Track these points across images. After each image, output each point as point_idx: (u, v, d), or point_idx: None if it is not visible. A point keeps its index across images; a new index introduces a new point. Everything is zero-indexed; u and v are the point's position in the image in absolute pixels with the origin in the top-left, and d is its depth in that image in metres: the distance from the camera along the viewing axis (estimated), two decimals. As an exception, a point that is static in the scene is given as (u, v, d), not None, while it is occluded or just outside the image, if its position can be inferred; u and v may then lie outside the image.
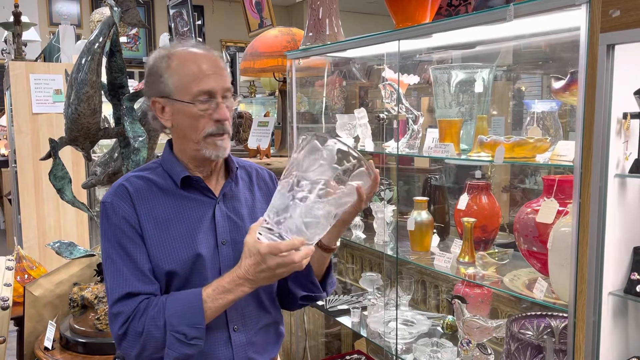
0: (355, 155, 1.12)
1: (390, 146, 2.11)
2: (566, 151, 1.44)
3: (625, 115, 1.20)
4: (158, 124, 1.30)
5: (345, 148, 1.11)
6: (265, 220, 1.12)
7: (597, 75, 1.17)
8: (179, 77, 1.23)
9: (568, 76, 1.52)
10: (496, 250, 1.89)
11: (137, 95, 1.99)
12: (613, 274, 1.24)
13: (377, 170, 1.18)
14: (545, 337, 1.57)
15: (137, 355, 1.18)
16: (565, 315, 1.56)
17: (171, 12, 5.24)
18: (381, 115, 2.09)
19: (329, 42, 2.22)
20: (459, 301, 1.81)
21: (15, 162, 3.46)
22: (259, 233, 1.12)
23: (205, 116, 1.22)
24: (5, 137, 6.37)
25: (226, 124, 1.25)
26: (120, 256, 1.21)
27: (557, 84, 1.57)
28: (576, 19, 1.25)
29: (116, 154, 2.13)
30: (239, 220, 1.30)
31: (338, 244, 1.30)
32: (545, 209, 1.53)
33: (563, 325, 1.59)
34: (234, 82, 5.14)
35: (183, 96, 1.22)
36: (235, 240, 1.27)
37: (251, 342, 1.29)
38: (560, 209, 1.50)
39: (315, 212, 1.08)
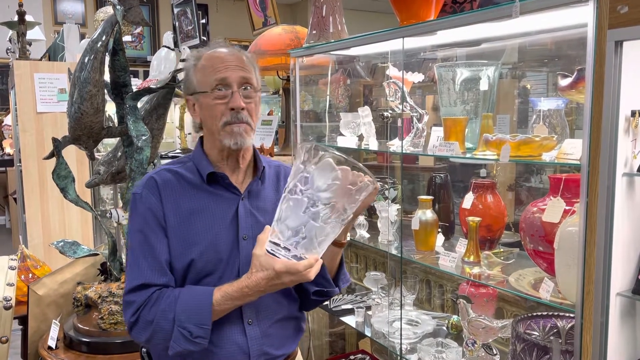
0: (364, 170, 1.14)
1: (395, 145, 2.09)
2: (573, 149, 1.42)
3: (633, 113, 1.18)
4: (196, 126, 1.38)
5: (354, 165, 1.13)
6: (278, 237, 1.13)
7: (605, 73, 1.15)
8: (202, 73, 1.31)
9: (575, 73, 1.50)
10: (501, 250, 1.88)
11: (140, 94, 1.99)
12: (621, 275, 1.22)
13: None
14: (551, 337, 1.55)
15: (147, 342, 1.25)
16: (571, 315, 1.54)
17: (175, 10, 5.24)
18: (385, 113, 2.07)
19: (332, 40, 2.21)
20: (464, 301, 1.80)
21: (20, 161, 3.47)
22: (271, 249, 1.13)
23: (221, 105, 1.27)
24: (10, 136, 6.39)
25: (242, 113, 1.28)
26: (140, 246, 1.27)
27: (564, 82, 1.55)
28: (583, 15, 1.23)
29: (119, 153, 2.12)
30: (261, 217, 1.33)
31: (348, 237, 1.33)
32: (552, 208, 1.51)
33: (569, 325, 1.58)
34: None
35: (203, 88, 1.30)
36: (256, 236, 1.28)
37: (266, 335, 1.31)
38: (567, 208, 1.49)
39: (328, 230, 1.12)
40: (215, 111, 1.28)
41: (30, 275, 2.48)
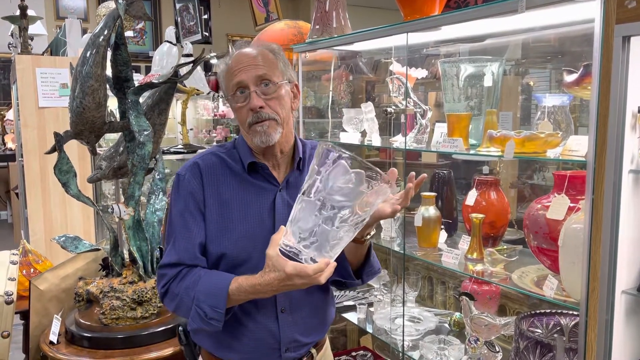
0: (380, 174, 1.12)
1: (398, 141, 2.08)
2: (578, 146, 1.41)
3: (640, 109, 1.17)
4: None
5: (370, 168, 1.11)
6: (290, 239, 1.12)
7: (612, 68, 1.14)
8: (225, 78, 1.35)
9: (581, 69, 1.48)
10: (505, 247, 1.87)
11: (142, 88, 1.98)
12: (626, 272, 1.21)
13: (411, 185, 1.21)
14: (555, 335, 1.55)
15: (174, 311, 1.34)
16: (575, 313, 1.54)
17: (177, 5, 5.21)
18: (389, 109, 2.06)
19: (336, 35, 2.20)
20: (467, 298, 1.79)
21: (22, 156, 3.46)
22: (284, 249, 1.13)
23: (243, 107, 1.30)
24: (12, 131, 6.39)
25: (263, 111, 1.29)
26: (179, 227, 1.33)
27: (570, 77, 1.54)
28: (589, 10, 1.22)
29: (121, 148, 2.11)
30: None
31: (373, 232, 1.31)
32: (556, 205, 1.50)
33: (573, 323, 1.57)
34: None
35: (227, 93, 1.34)
36: None
37: (297, 323, 1.35)
38: (572, 205, 1.48)
39: (341, 234, 1.10)
40: (240, 114, 1.32)
41: (32, 270, 2.48)
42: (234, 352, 1.34)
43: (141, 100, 1.99)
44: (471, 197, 1.89)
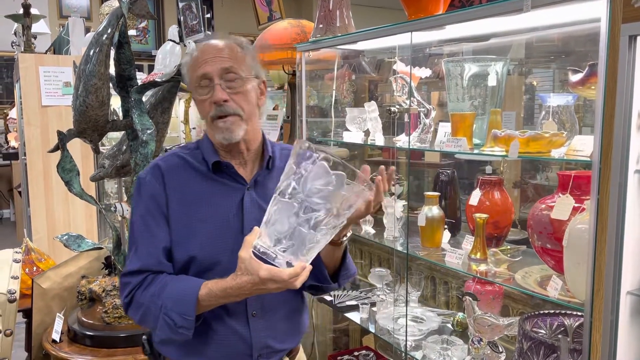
0: (357, 172, 1.09)
1: (401, 140, 2.08)
2: (583, 146, 1.40)
3: (646, 109, 1.16)
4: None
5: (346, 167, 1.07)
6: (265, 241, 1.07)
7: (618, 68, 1.13)
8: (189, 70, 1.30)
9: (586, 69, 1.48)
10: (508, 247, 1.86)
11: (145, 87, 1.98)
12: (632, 273, 1.20)
13: (379, 178, 1.16)
14: (559, 336, 1.54)
15: (140, 323, 1.27)
16: (579, 314, 1.53)
17: (180, 4, 5.21)
18: (392, 108, 2.05)
19: (339, 34, 2.19)
20: (470, 298, 1.79)
21: (25, 155, 3.47)
22: (258, 252, 1.08)
23: (205, 100, 1.26)
24: (15, 129, 6.40)
25: (227, 105, 1.25)
26: (141, 232, 1.27)
27: (575, 77, 1.53)
28: (595, 9, 1.21)
29: (124, 147, 2.11)
30: None
31: (349, 234, 1.28)
32: (561, 205, 1.50)
33: (577, 324, 1.56)
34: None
35: (191, 85, 1.30)
36: None
37: (269, 328, 1.30)
38: (576, 205, 1.47)
39: (318, 237, 1.06)
40: (202, 107, 1.28)
41: (35, 268, 2.48)
42: (204, 358, 1.27)
43: (144, 98, 1.99)
44: (475, 196, 1.88)
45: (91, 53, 1.83)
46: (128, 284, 1.26)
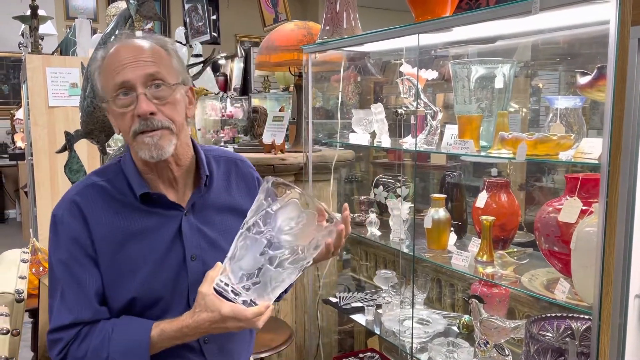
0: (330, 214, 1.07)
1: (408, 142, 2.08)
2: (591, 149, 1.39)
3: (655, 112, 1.15)
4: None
5: (325, 210, 1.05)
6: (229, 277, 1.02)
7: (628, 70, 1.13)
8: (103, 77, 1.11)
9: (595, 71, 1.47)
10: (515, 250, 1.86)
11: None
12: (640, 276, 1.19)
13: (342, 226, 1.11)
14: (567, 339, 1.53)
15: None
16: (586, 317, 1.52)
17: (186, 6, 5.23)
18: (399, 110, 2.05)
19: (346, 36, 2.19)
20: (476, 301, 1.78)
21: (31, 155, 3.48)
22: (220, 289, 1.02)
23: (127, 113, 1.08)
24: (22, 130, 6.44)
25: (154, 118, 1.07)
26: (66, 280, 1.10)
27: (583, 80, 1.52)
28: (604, 12, 1.21)
29: (131, 148, 2.12)
30: (211, 232, 1.19)
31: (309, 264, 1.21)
32: (568, 208, 1.49)
33: (584, 327, 1.55)
34: (247, 77, 5.10)
35: (107, 95, 1.11)
36: (206, 254, 1.17)
37: (223, 351, 1.23)
38: (584, 208, 1.46)
39: (284, 276, 1.03)
40: (122, 121, 1.09)
41: (41, 268, 2.49)
42: None
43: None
44: (481, 199, 1.88)
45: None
46: (59, 340, 1.08)
